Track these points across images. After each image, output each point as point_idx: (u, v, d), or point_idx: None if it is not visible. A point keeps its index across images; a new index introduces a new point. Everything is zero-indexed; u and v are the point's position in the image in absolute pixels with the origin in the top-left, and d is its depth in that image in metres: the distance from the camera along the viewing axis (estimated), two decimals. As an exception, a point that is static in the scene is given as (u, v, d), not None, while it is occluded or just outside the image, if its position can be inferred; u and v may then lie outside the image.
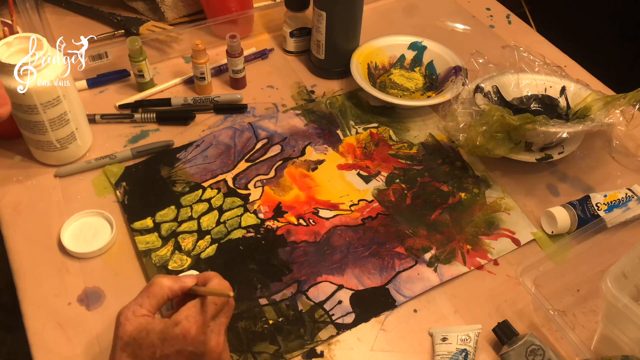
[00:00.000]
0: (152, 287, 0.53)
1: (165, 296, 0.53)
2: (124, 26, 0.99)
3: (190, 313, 0.52)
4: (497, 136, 0.77)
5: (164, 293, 0.53)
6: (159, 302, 0.53)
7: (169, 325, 0.51)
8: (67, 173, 0.79)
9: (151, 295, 0.53)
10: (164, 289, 0.53)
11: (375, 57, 0.95)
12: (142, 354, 0.51)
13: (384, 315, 0.67)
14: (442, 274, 0.70)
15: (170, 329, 0.51)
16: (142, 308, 0.52)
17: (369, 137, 0.86)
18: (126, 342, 0.51)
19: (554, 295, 0.68)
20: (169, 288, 0.54)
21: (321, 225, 0.75)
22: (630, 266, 0.61)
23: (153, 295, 0.53)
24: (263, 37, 1.02)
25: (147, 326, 0.51)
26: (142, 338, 0.51)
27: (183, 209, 0.75)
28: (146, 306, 0.52)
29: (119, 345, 0.51)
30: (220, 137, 0.84)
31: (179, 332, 0.51)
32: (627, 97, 0.78)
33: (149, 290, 0.53)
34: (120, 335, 0.51)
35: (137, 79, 0.90)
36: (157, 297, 0.53)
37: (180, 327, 0.51)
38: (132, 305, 0.53)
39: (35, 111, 0.71)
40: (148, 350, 0.51)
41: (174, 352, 0.51)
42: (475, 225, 0.75)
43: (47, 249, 0.71)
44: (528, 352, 0.59)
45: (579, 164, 0.84)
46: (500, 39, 1.03)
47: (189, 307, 0.52)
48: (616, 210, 0.74)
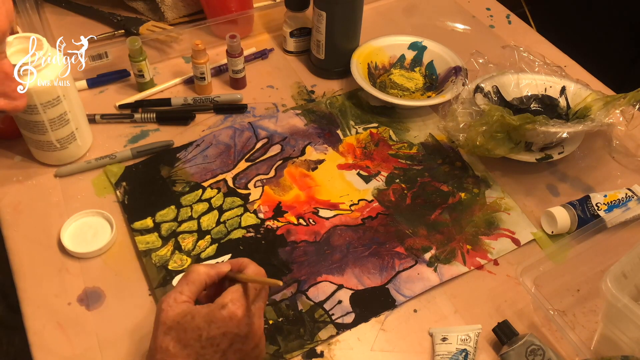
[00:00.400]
0: (190, 275, 0.55)
1: (203, 282, 0.56)
2: (124, 26, 0.99)
3: (235, 296, 0.54)
4: (497, 136, 0.77)
5: (201, 279, 0.55)
6: (198, 289, 0.55)
7: (214, 308, 0.53)
8: (67, 173, 0.79)
9: (190, 283, 0.55)
10: (201, 275, 0.55)
11: (375, 57, 0.95)
12: (187, 337, 0.52)
13: (384, 315, 0.67)
14: (442, 274, 0.70)
15: (216, 311, 0.53)
16: (183, 295, 0.54)
17: (369, 137, 0.86)
18: (169, 327, 0.53)
19: (554, 295, 0.68)
20: (206, 274, 0.56)
21: (321, 225, 0.75)
22: (630, 266, 0.61)
23: (192, 282, 0.55)
24: (263, 37, 1.02)
25: (191, 311, 0.53)
26: (187, 322, 0.52)
27: (183, 209, 0.75)
28: (186, 293, 0.54)
29: (161, 330, 0.53)
30: (220, 137, 0.84)
31: (226, 315, 0.53)
32: (627, 97, 0.78)
33: (188, 278, 0.55)
34: (163, 320, 0.53)
35: (137, 79, 0.90)
36: (196, 284, 0.55)
37: (227, 310, 0.53)
38: (172, 293, 0.54)
39: (35, 111, 0.71)
40: (194, 334, 0.52)
41: (219, 334, 0.53)
42: (475, 225, 0.75)
43: (47, 249, 0.71)
44: (528, 352, 0.59)
45: (579, 164, 0.84)
46: (500, 39, 1.03)
47: (232, 291, 0.55)
48: (616, 210, 0.74)
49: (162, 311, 0.54)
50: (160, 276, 0.68)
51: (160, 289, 0.67)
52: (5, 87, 0.62)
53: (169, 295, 0.54)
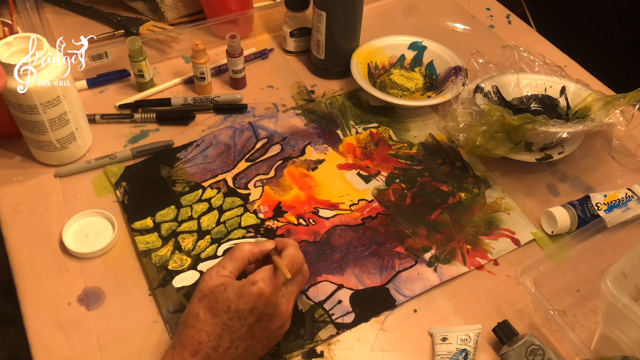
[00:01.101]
0: (235, 251, 0.59)
1: (246, 259, 0.59)
2: (124, 26, 0.99)
3: (266, 275, 0.56)
4: (497, 136, 0.77)
5: (245, 256, 0.58)
6: (242, 265, 0.58)
7: (246, 283, 0.56)
8: (67, 173, 0.79)
9: (234, 259, 0.58)
10: (245, 252, 0.58)
11: (375, 57, 0.95)
12: (218, 307, 0.55)
13: (383, 315, 0.67)
14: (442, 274, 0.70)
15: (247, 286, 0.56)
16: (225, 269, 0.57)
17: (369, 137, 0.86)
18: (204, 294, 0.56)
19: (554, 295, 0.68)
20: (249, 251, 0.59)
21: (321, 224, 0.75)
22: (630, 266, 0.61)
23: (235, 259, 0.58)
24: (263, 37, 1.02)
25: (225, 282, 0.56)
26: (220, 292, 0.56)
27: (183, 209, 0.75)
28: (229, 268, 0.57)
29: (197, 297, 0.57)
30: (220, 137, 0.84)
31: (255, 291, 0.55)
32: (627, 97, 0.78)
33: (232, 254, 0.58)
34: (201, 289, 0.57)
35: (137, 79, 0.90)
36: (240, 260, 0.58)
37: (257, 287, 0.55)
38: (216, 266, 0.58)
39: (35, 111, 0.71)
40: (224, 304, 0.55)
41: (247, 309, 0.55)
42: (475, 225, 0.75)
43: (47, 249, 0.71)
44: (528, 352, 0.59)
45: (579, 164, 0.84)
46: (500, 39, 1.03)
47: (265, 269, 0.57)
48: (616, 210, 0.74)
49: (203, 281, 0.57)
50: (160, 276, 0.68)
51: (160, 289, 0.67)
52: None
53: (213, 268, 0.58)
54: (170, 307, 0.66)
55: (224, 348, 0.55)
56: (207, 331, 0.55)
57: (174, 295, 0.67)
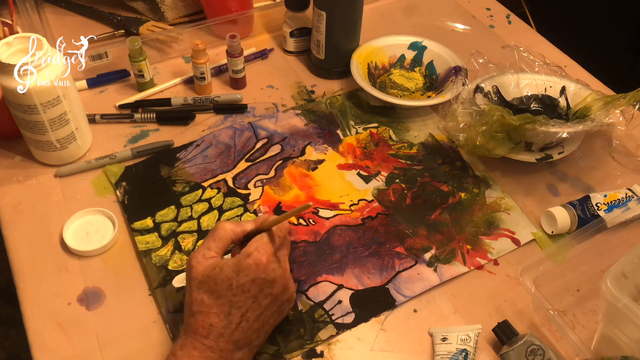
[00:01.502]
0: (217, 232, 0.59)
1: (229, 239, 0.59)
2: (124, 26, 0.99)
3: (259, 245, 0.57)
4: (497, 136, 0.77)
5: (227, 236, 0.59)
6: (225, 245, 0.59)
7: (240, 258, 0.56)
8: (67, 173, 0.79)
9: (217, 239, 0.58)
10: (227, 232, 0.59)
11: (375, 57, 0.95)
12: (219, 288, 0.56)
13: (383, 315, 0.67)
14: (442, 274, 0.70)
15: (243, 260, 0.56)
16: (211, 251, 0.57)
17: (369, 137, 0.86)
18: (201, 281, 0.56)
19: (554, 295, 0.68)
20: (232, 231, 0.59)
21: (321, 225, 0.75)
22: (630, 266, 0.61)
23: (219, 239, 0.58)
24: (263, 37, 1.02)
25: (218, 263, 0.56)
26: (216, 274, 0.56)
27: (183, 209, 0.75)
28: (214, 249, 0.58)
29: (194, 285, 0.56)
30: (220, 137, 0.84)
31: (252, 262, 0.56)
32: (627, 97, 0.78)
33: (215, 235, 0.59)
34: (194, 276, 0.56)
35: (137, 79, 0.90)
36: (223, 240, 0.58)
37: (253, 258, 0.56)
38: (200, 249, 0.58)
39: (35, 111, 0.71)
40: (224, 284, 0.55)
41: (248, 281, 0.56)
42: (475, 225, 0.75)
43: (47, 249, 0.71)
44: (528, 352, 0.59)
45: (579, 164, 0.84)
46: (500, 39, 1.03)
47: (256, 240, 0.58)
48: (616, 210, 0.74)
49: (192, 267, 0.57)
50: (160, 276, 0.68)
51: (160, 289, 0.67)
52: None
53: (197, 251, 0.57)
54: (170, 307, 0.66)
55: (236, 324, 0.56)
56: (215, 312, 0.55)
57: (173, 295, 0.67)
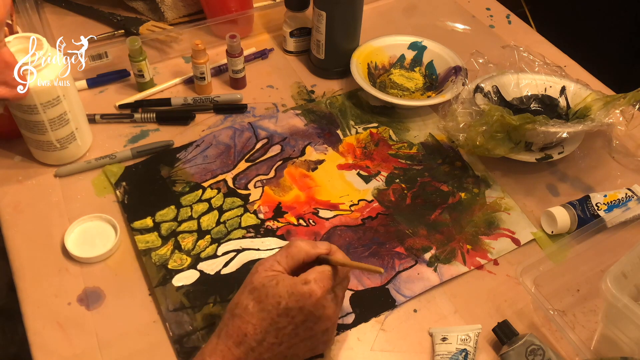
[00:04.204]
0: (292, 249, 0.58)
1: (301, 259, 0.58)
2: (124, 26, 0.99)
3: (319, 277, 0.56)
4: (497, 136, 0.77)
5: (300, 257, 0.58)
6: (296, 264, 0.57)
7: (297, 281, 0.55)
8: (67, 173, 0.79)
9: (289, 256, 0.57)
10: (301, 252, 0.58)
11: (375, 57, 0.95)
12: (267, 302, 0.55)
13: (383, 315, 0.67)
14: (442, 274, 0.70)
15: (299, 285, 0.55)
16: (280, 265, 0.57)
17: (369, 137, 0.86)
18: (255, 287, 0.56)
19: (554, 295, 0.68)
20: (306, 253, 0.58)
21: (321, 225, 0.75)
22: (630, 266, 0.61)
23: (291, 257, 0.57)
24: (263, 37, 1.02)
25: (278, 277, 0.55)
26: (271, 286, 0.55)
27: (183, 209, 0.75)
28: (283, 264, 0.57)
29: (247, 289, 0.56)
30: (220, 137, 0.84)
31: (307, 290, 0.54)
32: (627, 97, 0.78)
33: (288, 251, 0.58)
34: (252, 281, 0.56)
35: (137, 79, 0.90)
36: (294, 259, 0.57)
37: (309, 287, 0.55)
38: (270, 259, 0.57)
39: (35, 111, 0.71)
40: (274, 300, 0.54)
41: (297, 308, 0.55)
42: (475, 225, 0.75)
43: (47, 249, 0.71)
44: (528, 352, 0.59)
45: (579, 164, 0.84)
46: (500, 39, 1.03)
47: (319, 270, 0.56)
48: (616, 210, 0.74)
49: (256, 272, 0.56)
50: (159, 275, 0.68)
51: (160, 287, 0.67)
52: (6, 75, 0.63)
53: (267, 260, 0.57)
54: (169, 306, 0.66)
55: (269, 343, 0.55)
56: (254, 324, 0.55)
57: (173, 294, 0.67)
